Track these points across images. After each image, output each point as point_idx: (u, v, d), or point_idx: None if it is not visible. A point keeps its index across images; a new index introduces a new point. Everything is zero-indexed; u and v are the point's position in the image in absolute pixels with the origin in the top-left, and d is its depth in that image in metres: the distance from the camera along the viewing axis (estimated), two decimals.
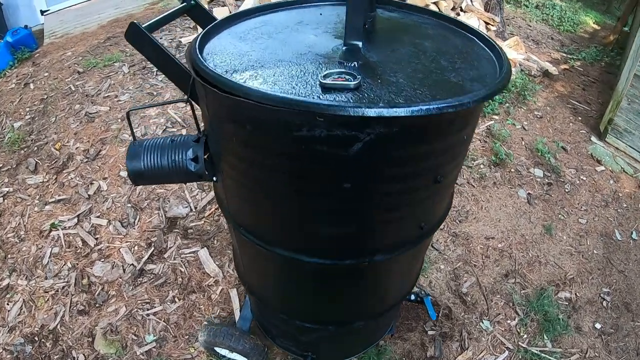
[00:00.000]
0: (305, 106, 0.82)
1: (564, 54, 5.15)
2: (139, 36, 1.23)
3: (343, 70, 1.01)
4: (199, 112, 1.35)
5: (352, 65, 1.07)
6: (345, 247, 1.17)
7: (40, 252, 2.67)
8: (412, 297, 2.20)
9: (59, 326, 2.32)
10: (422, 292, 2.30)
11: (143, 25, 1.26)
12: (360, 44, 1.13)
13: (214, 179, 1.35)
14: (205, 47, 1.24)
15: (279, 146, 0.95)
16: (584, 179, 3.38)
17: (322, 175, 0.97)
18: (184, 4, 1.50)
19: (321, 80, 0.95)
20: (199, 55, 1.09)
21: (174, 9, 1.46)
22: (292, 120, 0.86)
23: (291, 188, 1.03)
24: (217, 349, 2.06)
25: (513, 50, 4.20)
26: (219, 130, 1.09)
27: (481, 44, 1.31)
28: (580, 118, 3.97)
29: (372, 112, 0.80)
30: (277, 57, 1.12)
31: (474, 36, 1.35)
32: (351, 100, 0.89)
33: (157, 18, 1.37)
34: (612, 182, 3.45)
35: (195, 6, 1.52)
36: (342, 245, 1.17)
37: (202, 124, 1.38)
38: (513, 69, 3.95)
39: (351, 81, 0.94)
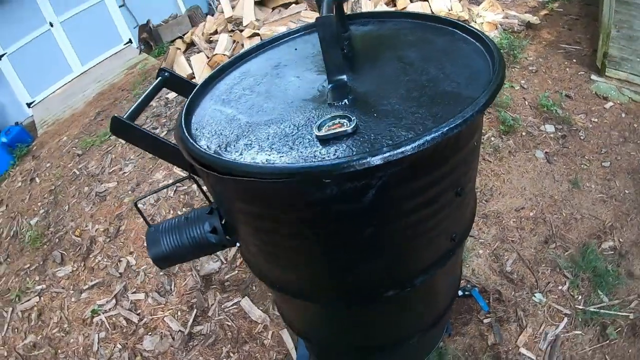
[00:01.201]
0: (308, 172, 0.78)
1: None
2: (124, 129, 1.20)
3: (336, 113, 0.97)
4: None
5: (343, 103, 1.03)
6: (382, 284, 1.13)
7: (88, 340, 2.68)
8: (460, 292, 2.14)
9: None
10: (468, 285, 2.23)
11: (124, 117, 1.22)
12: (344, 77, 1.09)
13: (238, 244, 1.31)
14: (192, 121, 1.21)
15: (292, 214, 0.91)
16: (596, 120, 3.27)
17: (342, 229, 0.93)
18: (159, 79, 1.48)
19: (317, 133, 0.91)
20: (188, 137, 1.06)
21: (150, 88, 1.43)
22: (300, 187, 0.83)
23: (314, 248, 0.99)
24: None
25: (490, 12, 4.11)
26: (229, 207, 1.06)
27: (464, 35, 1.25)
28: (574, 60, 3.85)
29: (378, 160, 0.76)
30: (266, 116, 1.09)
31: (454, 28, 1.29)
32: (353, 149, 0.85)
33: (136, 104, 1.33)
34: (624, 115, 3.32)
35: (170, 77, 1.49)
36: (378, 283, 1.12)
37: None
38: (495, 31, 3.86)
39: (347, 125, 0.90)
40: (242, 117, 1.14)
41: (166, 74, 1.48)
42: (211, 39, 4.45)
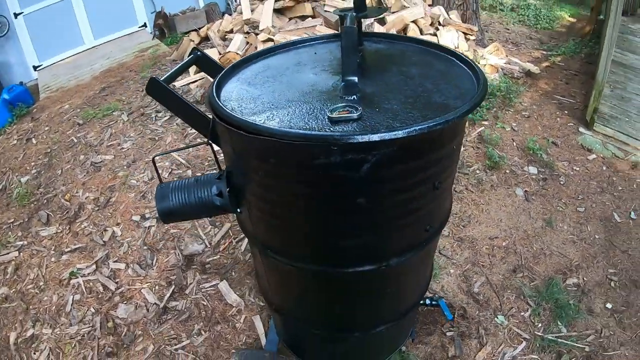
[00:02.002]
0: (321, 139, 1.04)
1: (544, 52, 5.48)
2: (159, 90, 1.44)
3: (346, 104, 1.23)
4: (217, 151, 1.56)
5: (352, 98, 1.29)
6: (363, 255, 1.37)
7: (62, 300, 2.81)
8: (428, 301, 2.38)
9: None
10: (436, 296, 2.48)
11: (161, 79, 1.47)
12: (356, 79, 1.36)
13: (238, 210, 1.55)
14: (221, 94, 1.47)
15: (300, 174, 1.16)
16: (577, 169, 3.61)
17: (339, 194, 1.18)
18: (192, 56, 1.74)
19: (329, 115, 1.17)
20: (220, 103, 1.32)
21: (184, 62, 1.69)
22: (311, 151, 1.08)
23: (313, 209, 1.24)
24: None
25: (494, 56, 4.50)
26: (244, 166, 1.31)
27: (460, 64, 1.55)
28: (566, 111, 4.24)
29: (376, 137, 1.02)
30: (287, 98, 1.35)
31: (453, 57, 1.59)
32: (357, 129, 1.11)
33: (171, 71, 1.59)
34: (605, 168, 3.68)
35: (202, 56, 1.76)
36: (360, 253, 1.37)
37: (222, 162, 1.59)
38: (496, 74, 4.24)
39: (354, 113, 1.17)
40: (265, 97, 1.40)
41: (198, 53, 1.74)
42: (226, 36, 4.75)
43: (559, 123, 4.08)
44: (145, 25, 6.50)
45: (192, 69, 4.40)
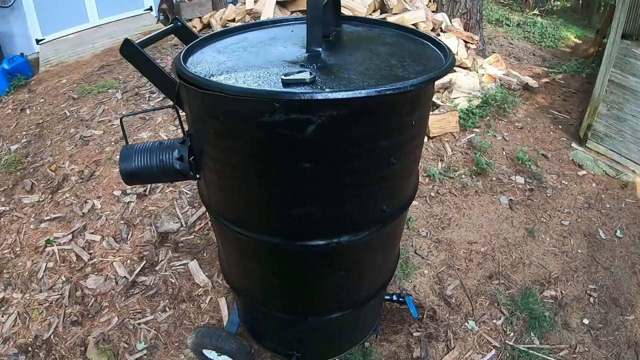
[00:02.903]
0: (265, 94, 1.03)
1: (546, 69, 5.46)
2: (132, 51, 1.44)
3: (301, 69, 1.23)
4: (183, 118, 1.56)
5: (312, 66, 1.29)
6: (311, 228, 1.35)
7: (36, 266, 2.82)
8: (395, 297, 2.34)
9: (52, 336, 2.44)
10: (404, 292, 2.44)
11: (136, 42, 1.48)
12: (320, 49, 1.36)
13: (197, 176, 1.54)
14: (189, 59, 1.47)
15: (247, 132, 1.15)
16: (566, 183, 3.58)
17: (285, 156, 1.17)
18: (171, 25, 1.75)
19: (282, 77, 1.16)
20: (183, 64, 1.32)
21: (163, 29, 1.70)
22: (255, 108, 1.07)
23: (260, 171, 1.23)
24: (205, 352, 2.18)
25: (493, 67, 4.49)
26: (199, 125, 1.30)
27: (432, 47, 1.53)
28: (560, 127, 4.21)
29: (320, 96, 1.01)
30: (249, 64, 1.35)
31: (427, 41, 1.58)
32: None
33: (148, 36, 1.60)
34: (594, 185, 3.64)
35: (181, 27, 1.76)
36: (308, 226, 1.35)
37: (187, 128, 1.58)
38: (492, 84, 4.22)
39: (307, 76, 1.16)
40: (229, 63, 1.39)
41: (179, 23, 1.75)
42: (227, 25, 4.78)
43: (552, 137, 4.05)
44: (150, 8, 6.57)
45: None
